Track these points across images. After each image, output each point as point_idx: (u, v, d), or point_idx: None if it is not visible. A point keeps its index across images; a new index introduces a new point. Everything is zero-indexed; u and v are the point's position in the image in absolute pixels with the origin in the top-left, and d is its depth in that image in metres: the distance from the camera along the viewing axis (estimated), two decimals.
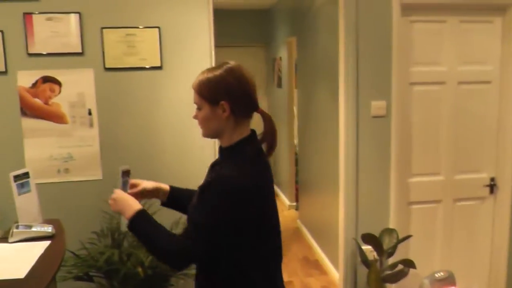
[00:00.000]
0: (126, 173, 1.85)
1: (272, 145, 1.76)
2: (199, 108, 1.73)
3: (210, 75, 1.70)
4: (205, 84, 1.69)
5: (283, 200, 7.08)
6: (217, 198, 1.60)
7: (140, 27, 3.42)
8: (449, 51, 3.65)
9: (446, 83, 3.66)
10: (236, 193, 1.60)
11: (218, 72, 1.70)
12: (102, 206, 3.42)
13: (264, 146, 1.79)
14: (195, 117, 1.76)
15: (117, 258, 2.98)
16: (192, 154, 3.55)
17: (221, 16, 7.05)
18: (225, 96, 1.68)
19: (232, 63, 1.75)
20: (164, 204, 1.99)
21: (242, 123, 1.74)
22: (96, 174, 3.48)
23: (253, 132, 1.78)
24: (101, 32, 3.38)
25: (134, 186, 1.90)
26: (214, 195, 1.61)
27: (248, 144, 1.73)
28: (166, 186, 1.97)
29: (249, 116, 1.76)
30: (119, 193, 1.78)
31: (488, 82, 3.72)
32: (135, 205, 1.72)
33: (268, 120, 1.77)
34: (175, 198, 1.98)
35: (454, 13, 3.60)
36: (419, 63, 3.61)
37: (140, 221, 1.69)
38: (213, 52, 3.53)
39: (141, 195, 1.90)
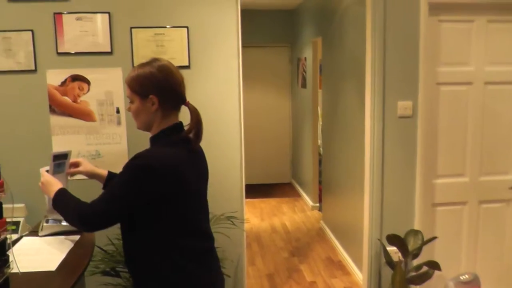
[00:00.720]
0: (60, 157, 2.13)
1: (198, 135, 1.91)
2: (131, 102, 1.90)
3: (140, 71, 1.87)
4: (135, 80, 1.86)
5: (306, 201, 7.07)
6: (126, 173, 1.78)
7: (168, 26, 3.46)
8: (476, 51, 3.61)
9: (473, 84, 3.62)
10: (142, 170, 1.75)
11: (147, 69, 1.86)
12: None
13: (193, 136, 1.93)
14: (128, 109, 1.93)
15: None
16: (219, 152, 3.57)
17: (247, 16, 7.08)
18: (154, 90, 1.85)
19: (162, 60, 1.91)
20: (104, 188, 2.21)
21: (169, 115, 1.90)
22: None
23: (179, 123, 1.93)
24: (130, 32, 3.43)
25: (75, 165, 2.23)
26: (125, 170, 1.79)
27: (171, 133, 1.89)
28: (103, 172, 2.26)
29: (176, 109, 1.93)
30: (45, 177, 2.04)
31: None
32: (56, 187, 1.96)
33: (194, 112, 1.90)
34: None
35: (481, 12, 3.56)
36: (446, 63, 3.58)
37: (59, 198, 1.92)
38: (240, 52, 3.56)
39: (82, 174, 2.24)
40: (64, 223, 2.43)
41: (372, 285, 3.73)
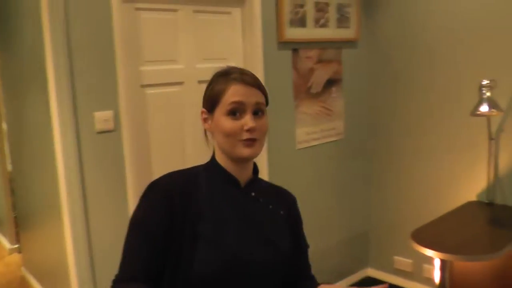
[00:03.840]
0: None
1: None
2: (263, 113, 1.43)
3: None
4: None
5: (3, 244, 5.72)
6: None
7: None
8: (185, 46, 3.10)
9: (185, 83, 3.11)
10: None
11: None
12: None
13: None
14: (257, 126, 1.40)
15: None
16: None
17: None
18: None
19: None
20: None
21: None
22: None
23: None
24: None
25: None
26: None
27: None
28: None
29: None
30: None
31: None
32: None
33: None
34: None
35: (186, 1, 3.06)
36: (151, 61, 2.96)
37: None
38: None
39: None
40: None
41: None
